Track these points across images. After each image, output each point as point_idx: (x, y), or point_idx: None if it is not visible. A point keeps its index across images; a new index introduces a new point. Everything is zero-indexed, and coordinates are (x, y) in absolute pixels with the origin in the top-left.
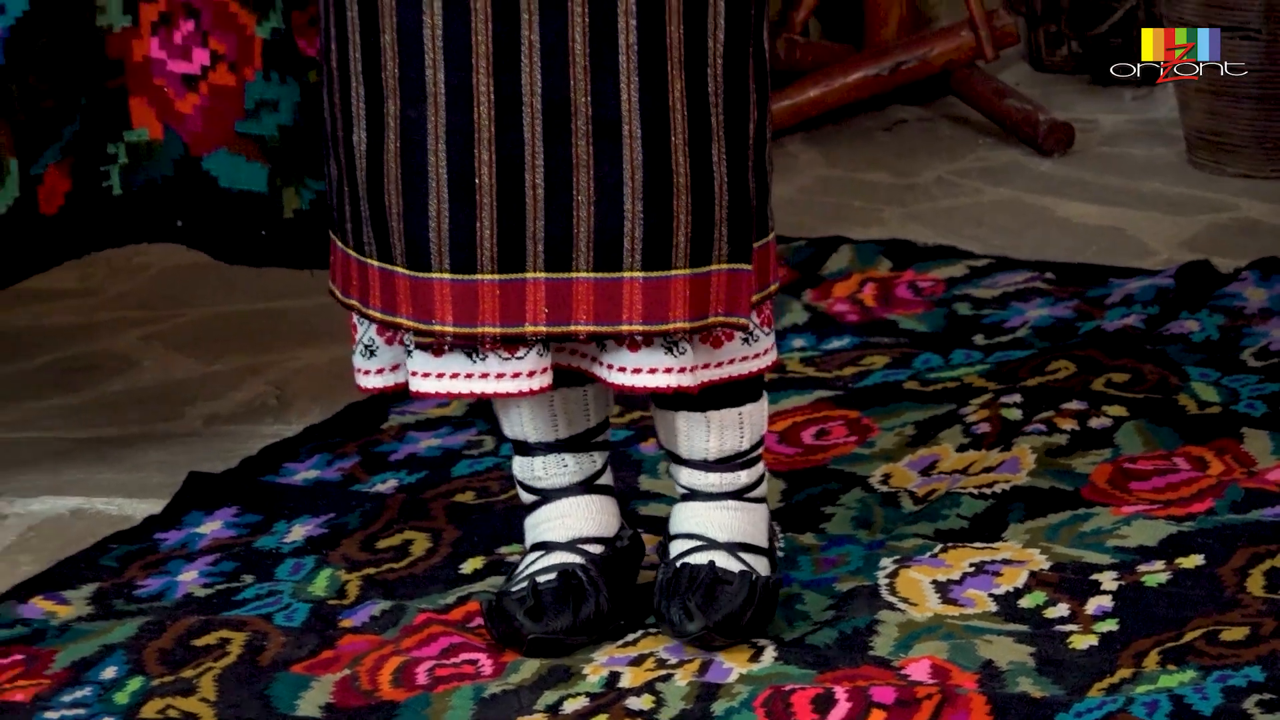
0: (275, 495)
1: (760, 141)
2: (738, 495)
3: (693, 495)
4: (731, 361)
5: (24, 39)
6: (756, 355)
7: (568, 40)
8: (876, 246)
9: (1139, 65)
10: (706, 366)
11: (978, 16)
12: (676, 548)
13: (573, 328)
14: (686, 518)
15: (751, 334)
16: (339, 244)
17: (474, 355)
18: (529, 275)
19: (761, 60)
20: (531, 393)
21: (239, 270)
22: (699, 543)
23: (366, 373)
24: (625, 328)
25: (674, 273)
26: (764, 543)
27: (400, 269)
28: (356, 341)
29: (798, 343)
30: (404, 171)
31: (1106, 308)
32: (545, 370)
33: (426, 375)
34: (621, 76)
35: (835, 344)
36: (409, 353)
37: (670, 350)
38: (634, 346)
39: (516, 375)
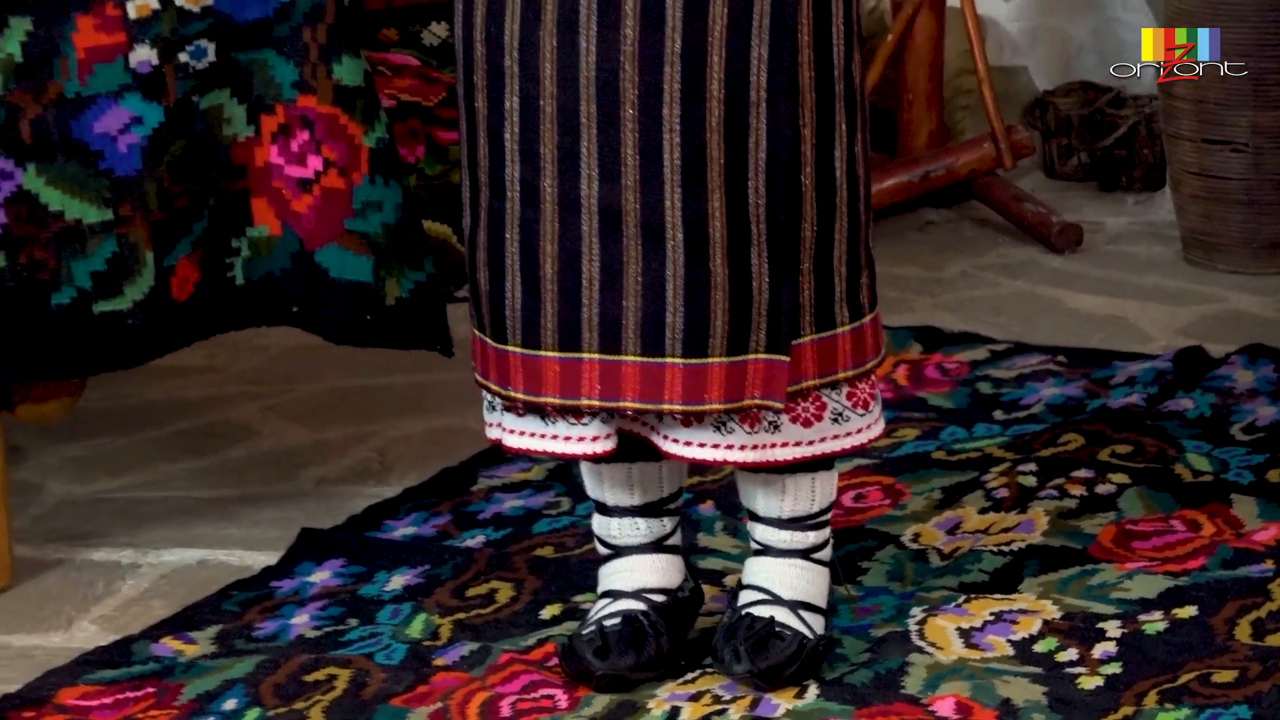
0: (377, 549)
1: (824, 247)
2: (805, 554)
3: (765, 550)
4: (824, 439)
5: (160, 146)
6: (848, 434)
7: (620, 151)
8: (908, 332)
9: (1143, 172)
10: (798, 444)
11: (998, 131)
12: (744, 597)
13: (621, 403)
14: (757, 571)
15: (842, 415)
16: (471, 320)
17: (545, 419)
18: (584, 355)
19: (829, 176)
20: (595, 455)
21: (347, 350)
22: (765, 596)
23: (490, 425)
24: (666, 406)
25: (710, 360)
26: (822, 603)
27: (488, 339)
28: (484, 399)
29: None
30: (489, 256)
31: (1111, 387)
32: (609, 436)
33: (510, 431)
34: (666, 187)
35: None
36: (501, 411)
37: (719, 428)
38: (686, 422)
39: (582, 439)
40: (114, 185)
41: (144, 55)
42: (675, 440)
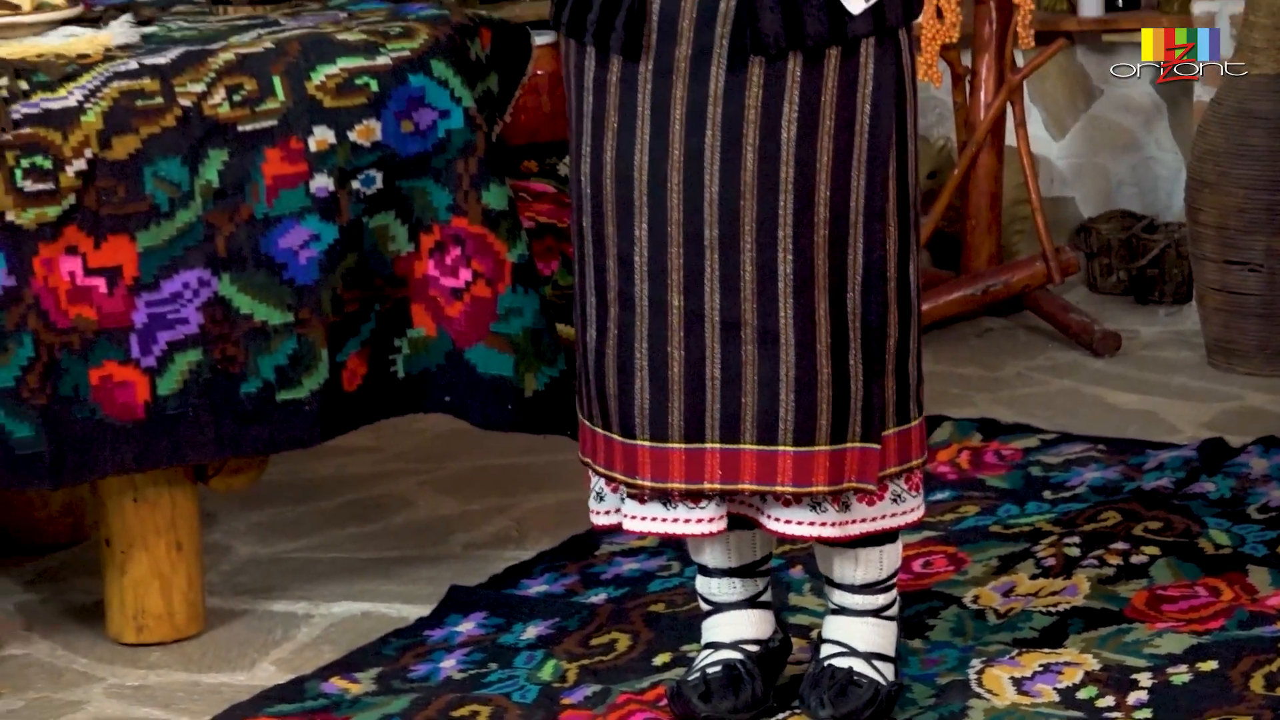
0: (514, 604)
1: (902, 353)
2: (876, 613)
3: (841, 611)
4: (884, 516)
5: (334, 260)
6: (904, 512)
7: (739, 269)
8: (971, 423)
9: (1173, 288)
10: (864, 520)
11: (1048, 251)
12: (825, 650)
13: (739, 486)
14: (836, 628)
15: (900, 496)
16: (581, 415)
17: (668, 504)
18: (707, 445)
19: (905, 290)
20: (710, 535)
21: (490, 434)
22: (843, 649)
23: (596, 513)
24: (779, 488)
25: (816, 448)
26: (892, 653)
27: (616, 436)
28: (590, 489)
29: None
30: (619, 363)
31: (1144, 472)
32: (721, 517)
33: (634, 517)
34: (779, 299)
35: (939, 496)
36: (623, 499)
37: (815, 508)
38: (786, 503)
39: (699, 521)
40: (295, 292)
41: (322, 182)
42: (776, 518)
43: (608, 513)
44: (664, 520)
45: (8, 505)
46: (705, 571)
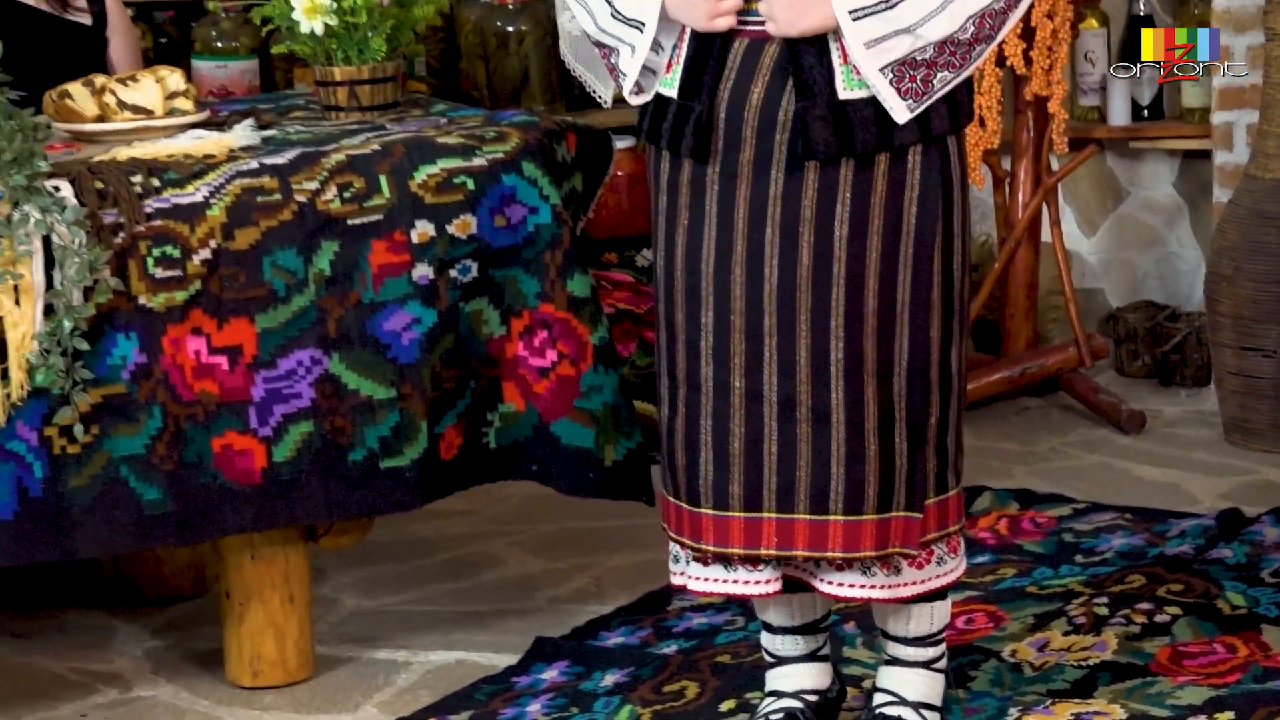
0: (594, 654)
1: (942, 429)
2: (925, 665)
3: (894, 661)
4: (930, 579)
5: (434, 341)
6: (947, 573)
7: (795, 355)
8: (1009, 493)
9: (1193, 371)
10: (913, 584)
11: (1080, 338)
12: (878, 699)
13: (793, 552)
14: (889, 677)
15: (942, 559)
16: (661, 485)
17: (729, 566)
18: (764, 514)
19: (946, 373)
20: (765, 595)
21: (573, 500)
22: (894, 698)
23: (674, 573)
24: (829, 554)
25: (864, 517)
26: (939, 703)
27: (684, 504)
28: (670, 552)
29: None
30: (686, 439)
31: (1167, 539)
32: (777, 579)
33: (697, 578)
34: (831, 382)
35: (980, 559)
36: (687, 562)
37: (864, 571)
38: (839, 567)
39: (757, 582)
40: (398, 370)
41: (423, 271)
42: (829, 581)
43: (682, 574)
44: (725, 581)
45: (138, 560)
46: (770, 629)
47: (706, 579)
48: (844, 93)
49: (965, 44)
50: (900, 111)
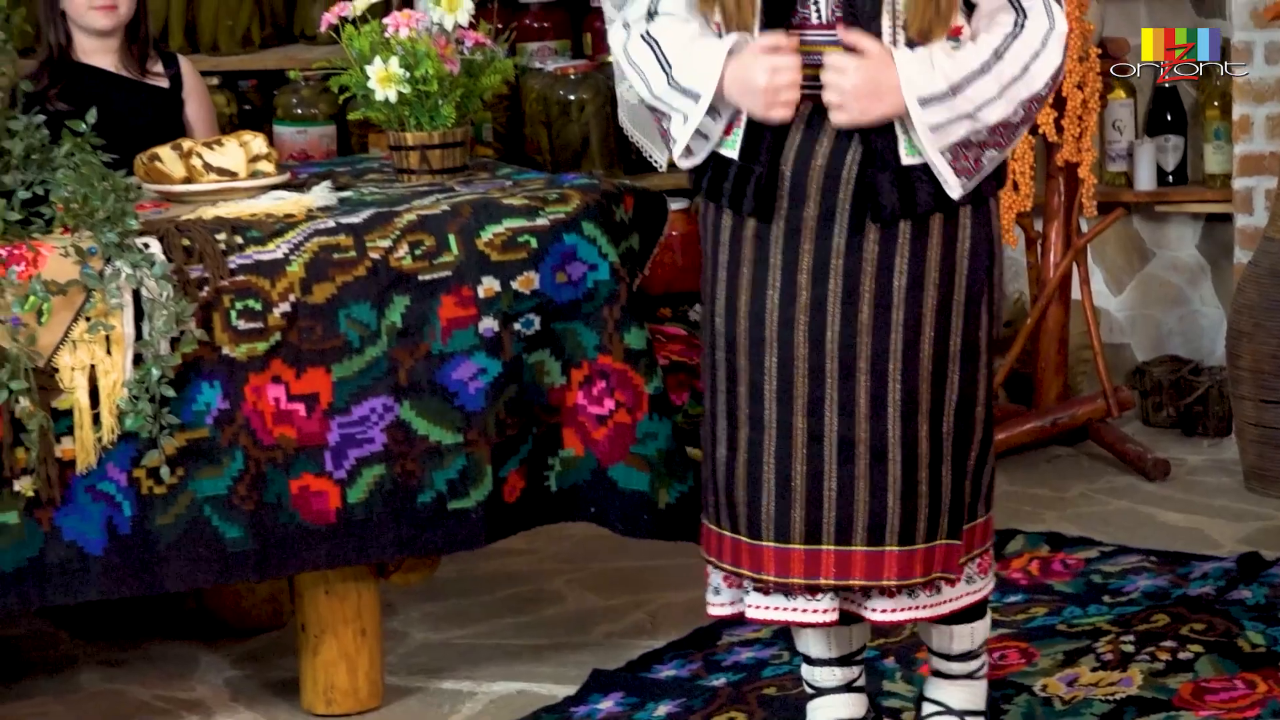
0: (647, 685)
1: (980, 463)
2: (969, 676)
3: (940, 674)
4: (961, 596)
5: (498, 390)
6: (975, 591)
7: (855, 397)
8: (1040, 536)
9: (1215, 422)
10: (950, 601)
11: (1108, 390)
12: (926, 709)
13: (851, 582)
14: (936, 689)
15: (972, 579)
16: (706, 521)
17: (789, 595)
18: (823, 547)
19: (989, 416)
20: (825, 624)
21: (629, 540)
22: (941, 708)
23: (713, 604)
24: (885, 582)
25: (915, 547)
26: (984, 707)
27: (743, 537)
28: (709, 585)
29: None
30: (748, 476)
31: (1190, 580)
32: (834, 609)
33: (757, 607)
34: (889, 422)
35: (1012, 599)
36: (747, 591)
37: (910, 595)
38: (890, 595)
39: (815, 611)
40: (465, 417)
41: (489, 324)
42: (877, 609)
43: (723, 604)
44: (786, 609)
45: (219, 594)
46: (810, 661)
47: (767, 607)
48: (906, 159)
49: (1014, 126)
50: (955, 188)
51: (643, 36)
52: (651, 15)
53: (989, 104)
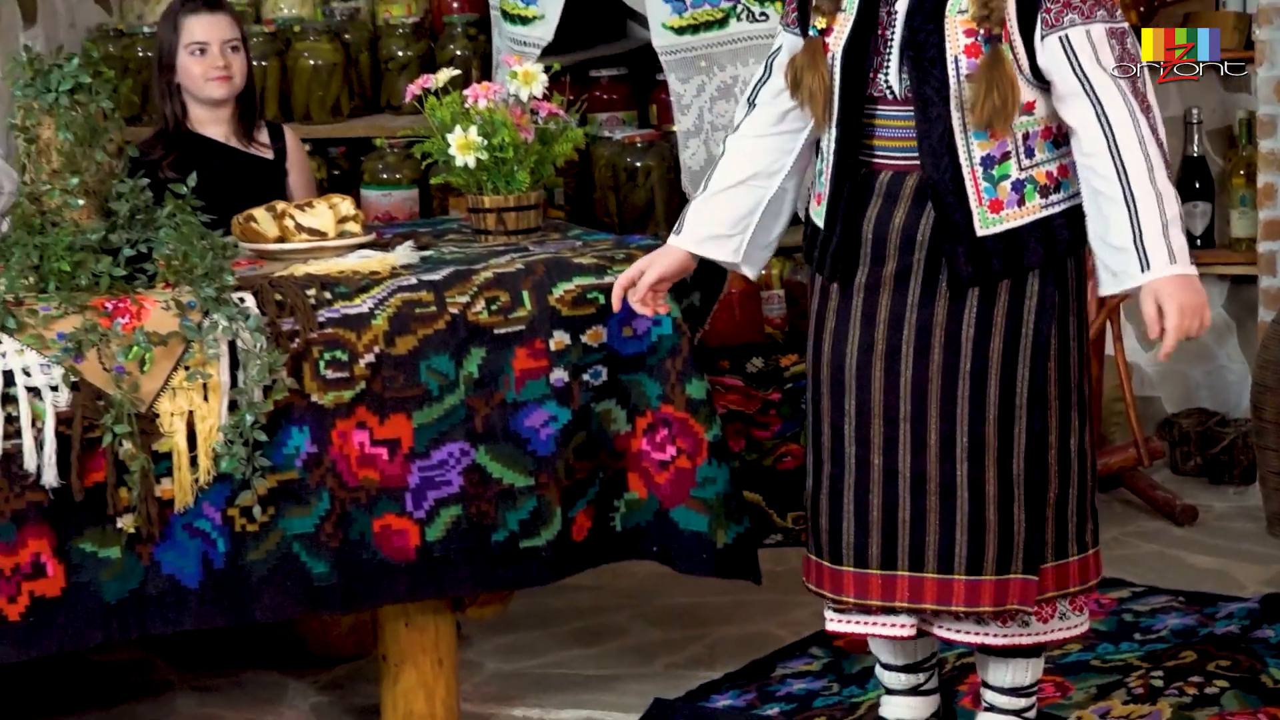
0: (705, 715)
1: (1061, 504)
2: (1018, 713)
3: (991, 708)
4: (1054, 631)
5: (568, 437)
6: (1070, 627)
7: (926, 438)
8: None
9: (1240, 471)
10: (1036, 633)
11: (1139, 440)
12: None
13: (922, 605)
14: None
15: (1065, 614)
16: (808, 548)
17: (868, 614)
18: (898, 572)
19: (1065, 457)
20: (901, 638)
21: (688, 577)
22: None
23: (830, 619)
24: (954, 608)
25: (984, 577)
26: None
27: (825, 562)
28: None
29: None
30: (830, 508)
31: (1216, 620)
32: (911, 625)
33: (836, 620)
34: (957, 460)
35: None
36: (829, 609)
37: (979, 622)
38: (958, 618)
39: (892, 626)
40: (536, 462)
41: (559, 375)
42: (948, 629)
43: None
44: (866, 624)
45: (306, 626)
46: (884, 666)
47: (847, 622)
48: (981, 230)
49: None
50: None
51: (726, 142)
52: (752, 104)
53: (1165, 197)
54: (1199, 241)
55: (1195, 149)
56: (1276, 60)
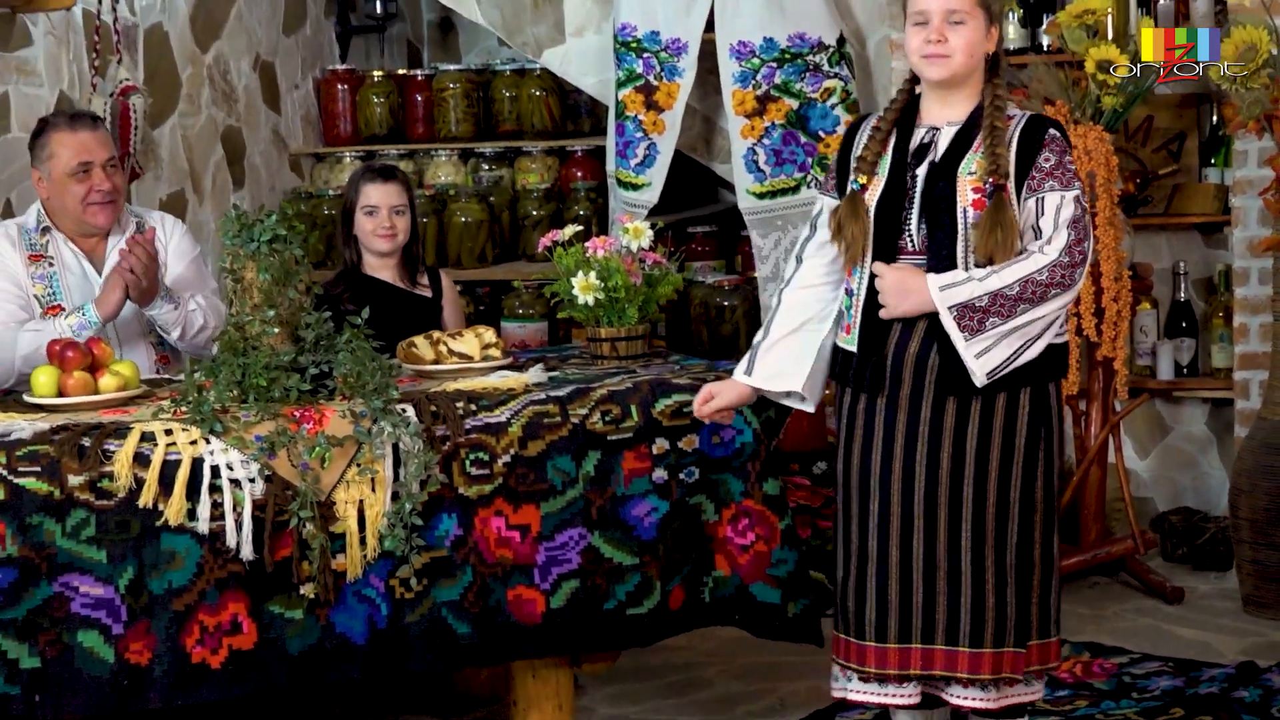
0: None
1: (1044, 592)
2: None
3: None
4: (1021, 694)
5: (667, 525)
6: (1031, 692)
7: (936, 533)
8: (1082, 645)
9: (1219, 560)
10: (1009, 696)
11: (1136, 532)
12: None
13: (933, 673)
14: None
15: (1030, 681)
16: (836, 628)
17: (883, 683)
18: (912, 645)
19: (1047, 552)
20: (910, 706)
21: (764, 641)
22: None
23: (835, 689)
24: (958, 675)
25: (984, 650)
26: None
27: (851, 638)
28: (833, 675)
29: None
30: (855, 592)
31: (1200, 682)
32: (918, 693)
33: (858, 691)
34: (961, 554)
35: (1060, 693)
36: (850, 679)
37: (982, 688)
38: (964, 684)
39: (902, 695)
40: (640, 544)
41: (660, 474)
42: (955, 695)
43: (844, 689)
44: (881, 694)
45: (452, 677)
46: None
47: (867, 692)
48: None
49: (1012, 299)
50: (959, 341)
51: (781, 294)
52: (799, 259)
53: (989, 276)
54: (1185, 370)
55: (1182, 294)
56: (1249, 223)
